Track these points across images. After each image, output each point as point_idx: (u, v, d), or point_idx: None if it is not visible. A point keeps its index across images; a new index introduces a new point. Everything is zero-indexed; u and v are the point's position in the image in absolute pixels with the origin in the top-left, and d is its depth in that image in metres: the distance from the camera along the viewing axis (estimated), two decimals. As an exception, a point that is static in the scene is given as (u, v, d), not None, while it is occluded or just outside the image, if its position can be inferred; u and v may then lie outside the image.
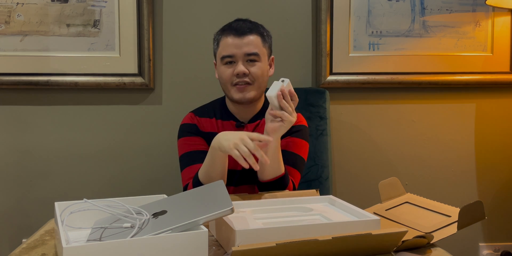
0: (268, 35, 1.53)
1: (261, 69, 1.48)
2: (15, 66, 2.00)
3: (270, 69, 1.55)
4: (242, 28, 1.47)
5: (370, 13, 2.12)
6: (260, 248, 0.91)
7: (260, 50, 1.48)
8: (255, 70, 1.47)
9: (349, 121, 2.17)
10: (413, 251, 1.04)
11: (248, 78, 1.47)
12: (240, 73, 1.46)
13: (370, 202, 1.37)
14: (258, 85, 1.49)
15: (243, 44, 1.46)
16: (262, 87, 1.51)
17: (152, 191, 2.04)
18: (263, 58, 1.49)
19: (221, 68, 1.50)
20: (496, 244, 2.24)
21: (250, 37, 1.47)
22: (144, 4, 2.01)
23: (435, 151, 2.21)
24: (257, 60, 1.48)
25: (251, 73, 1.47)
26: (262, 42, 1.49)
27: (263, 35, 1.51)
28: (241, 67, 1.45)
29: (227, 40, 1.47)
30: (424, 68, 2.14)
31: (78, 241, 1.05)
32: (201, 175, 1.40)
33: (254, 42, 1.47)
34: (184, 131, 1.56)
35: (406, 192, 1.38)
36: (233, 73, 1.47)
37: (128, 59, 2.04)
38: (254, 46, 1.47)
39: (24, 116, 2.05)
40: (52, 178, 2.08)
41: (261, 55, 1.48)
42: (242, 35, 1.46)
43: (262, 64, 1.49)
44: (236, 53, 1.46)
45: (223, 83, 1.51)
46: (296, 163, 1.51)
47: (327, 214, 1.16)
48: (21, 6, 2.00)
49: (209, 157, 1.37)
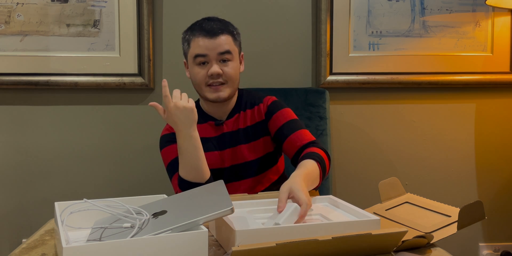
0: (237, 33, 1.55)
1: (234, 68, 1.50)
2: (15, 66, 2.00)
3: (241, 66, 1.57)
4: (213, 29, 1.48)
5: (370, 13, 2.12)
6: (260, 248, 0.91)
7: (232, 48, 1.50)
8: (228, 69, 1.48)
9: (349, 121, 2.17)
10: (413, 251, 1.04)
11: (221, 79, 1.48)
12: (214, 74, 1.47)
13: (370, 202, 1.37)
14: (231, 83, 1.50)
15: (215, 45, 1.47)
16: (235, 85, 1.53)
17: (152, 191, 2.04)
18: (235, 56, 1.51)
19: (194, 68, 1.50)
20: (496, 244, 2.24)
21: (221, 37, 1.48)
22: (144, 4, 2.01)
23: (435, 151, 2.21)
24: (230, 59, 1.49)
25: (225, 73, 1.48)
26: (233, 41, 1.51)
27: (233, 34, 1.52)
28: (215, 68, 1.47)
29: (198, 41, 1.48)
30: (424, 68, 2.14)
31: (78, 241, 1.05)
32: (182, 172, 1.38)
33: (227, 42, 1.48)
34: (164, 142, 1.57)
35: (406, 192, 1.38)
36: (207, 73, 1.48)
37: (128, 59, 2.04)
38: (227, 45, 1.48)
39: (24, 116, 2.05)
40: (52, 178, 2.08)
41: (233, 53, 1.50)
42: (214, 35, 1.47)
43: (234, 63, 1.50)
44: (209, 53, 1.47)
45: (197, 83, 1.51)
46: (300, 125, 1.52)
47: (327, 214, 1.17)
48: (21, 6, 2.00)
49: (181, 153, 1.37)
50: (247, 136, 1.54)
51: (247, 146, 1.54)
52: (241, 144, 1.54)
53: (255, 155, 1.54)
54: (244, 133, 1.54)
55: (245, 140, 1.54)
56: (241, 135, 1.54)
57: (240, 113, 1.56)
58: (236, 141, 1.54)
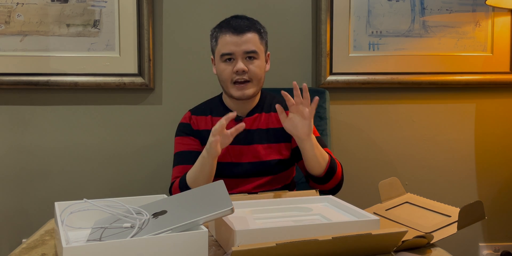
0: (265, 32, 1.56)
1: (259, 66, 1.51)
2: (15, 66, 2.01)
3: (267, 65, 1.58)
4: (240, 26, 1.49)
5: (370, 13, 2.12)
6: (260, 248, 0.91)
7: (258, 47, 1.50)
8: (253, 67, 1.49)
9: (349, 121, 2.17)
10: (413, 251, 1.04)
11: (247, 76, 1.49)
12: (240, 71, 1.48)
13: (370, 202, 1.37)
14: (256, 82, 1.52)
15: (242, 42, 1.48)
16: (260, 83, 1.54)
17: (152, 191, 2.04)
18: (261, 55, 1.52)
19: (221, 65, 1.52)
20: (496, 244, 2.24)
21: (248, 35, 1.49)
22: (144, 4, 2.01)
23: (435, 151, 2.21)
24: (256, 58, 1.50)
25: (250, 71, 1.49)
26: (259, 39, 1.51)
27: (260, 32, 1.53)
28: (240, 65, 1.48)
29: (225, 37, 1.49)
30: (424, 68, 2.14)
31: (78, 241, 1.05)
32: (189, 179, 1.44)
33: (253, 40, 1.49)
34: (179, 130, 1.61)
35: (406, 192, 1.38)
36: (233, 70, 1.49)
37: (128, 59, 2.04)
38: (253, 44, 1.49)
39: (24, 116, 2.05)
40: (52, 178, 2.08)
41: (259, 52, 1.51)
42: (241, 33, 1.48)
43: (260, 61, 1.51)
44: (235, 51, 1.48)
45: (223, 80, 1.53)
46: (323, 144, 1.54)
47: (327, 214, 1.17)
48: (21, 6, 2.00)
49: (198, 163, 1.41)
50: (267, 137, 1.55)
51: (264, 147, 1.54)
52: (257, 144, 1.54)
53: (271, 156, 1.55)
54: (264, 133, 1.55)
55: (263, 141, 1.55)
56: (259, 135, 1.55)
57: (262, 113, 1.57)
58: (253, 140, 1.54)
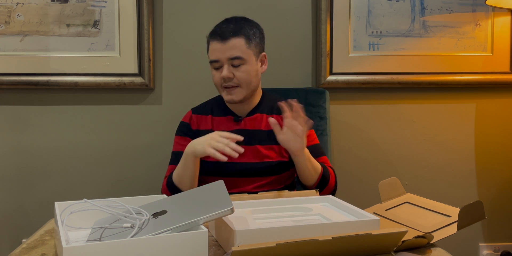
0: (255, 34, 1.53)
1: (247, 71, 1.50)
2: (15, 66, 2.00)
3: (263, 66, 1.58)
4: (224, 33, 1.49)
5: (370, 13, 2.11)
6: (260, 248, 0.91)
7: (244, 52, 1.49)
8: (240, 73, 1.50)
9: (349, 121, 2.17)
10: (413, 251, 1.04)
11: (233, 82, 1.51)
12: (225, 78, 1.50)
13: (370, 202, 1.37)
14: (246, 86, 1.52)
15: (226, 49, 1.48)
16: (252, 87, 1.54)
17: (152, 191, 2.04)
18: (248, 59, 1.50)
19: (212, 71, 1.55)
20: (496, 244, 2.24)
21: (233, 40, 1.48)
22: (144, 4, 2.01)
23: (435, 151, 2.21)
24: (242, 64, 1.50)
25: (236, 77, 1.50)
26: (246, 44, 1.50)
27: (248, 36, 1.51)
28: (225, 72, 1.49)
29: (212, 44, 1.51)
30: (424, 68, 2.14)
31: (78, 241, 1.05)
32: (174, 178, 1.48)
33: (238, 46, 1.48)
34: (179, 129, 1.63)
35: (406, 192, 1.38)
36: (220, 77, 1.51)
37: (128, 59, 2.04)
38: (238, 50, 1.48)
39: (24, 116, 2.05)
40: (52, 178, 2.08)
41: (245, 57, 1.49)
42: (225, 39, 1.48)
43: (247, 66, 1.50)
44: (220, 57, 1.49)
45: (215, 85, 1.56)
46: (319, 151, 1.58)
47: (327, 214, 1.17)
48: (21, 6, 2.00)
49: (182, 162, 1.45)
50: (268, 138, 1.55)
51: (265, 148, 1.55)
52: (258, 145, 1.55)
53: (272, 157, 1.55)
54: (265, 134, 1.55)
55: (264, 142, 1.55)
56: (260, 136, 1.55)
57: (263, 115, 1.58)
58: (253, 140, 1.55)
